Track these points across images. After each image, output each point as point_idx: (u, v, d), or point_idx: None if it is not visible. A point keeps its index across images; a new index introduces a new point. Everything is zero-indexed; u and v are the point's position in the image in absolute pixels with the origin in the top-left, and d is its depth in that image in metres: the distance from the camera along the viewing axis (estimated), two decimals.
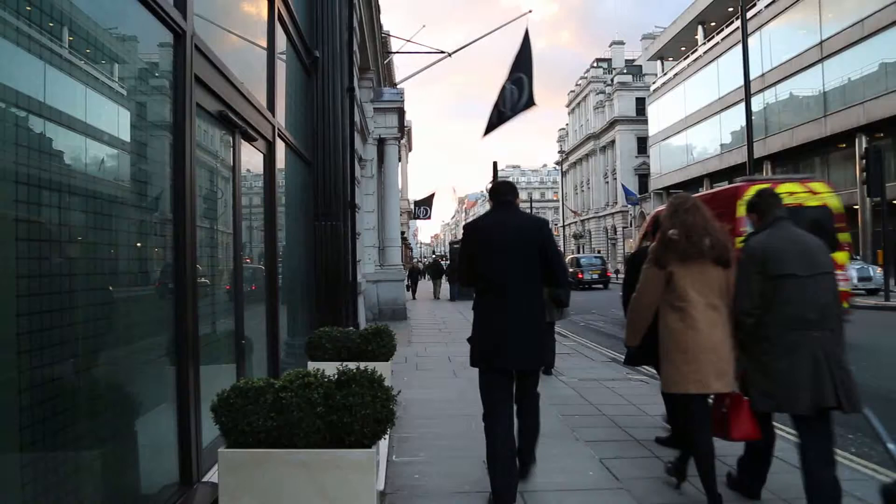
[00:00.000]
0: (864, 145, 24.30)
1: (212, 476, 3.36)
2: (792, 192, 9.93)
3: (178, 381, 3.23)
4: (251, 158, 4.91)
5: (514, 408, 3.95)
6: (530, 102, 14.17)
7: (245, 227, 4.84)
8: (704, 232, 3.76)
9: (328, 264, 7.25)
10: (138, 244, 3.08)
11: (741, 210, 8.77)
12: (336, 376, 2.96)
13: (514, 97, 14.57)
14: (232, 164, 4.34)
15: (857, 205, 27.40)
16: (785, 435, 4.54)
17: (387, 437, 3.16)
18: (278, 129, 5.53)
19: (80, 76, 2.51)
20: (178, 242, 3.26)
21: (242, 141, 4.46)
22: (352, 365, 3.07)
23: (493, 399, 3.84)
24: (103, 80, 2.74)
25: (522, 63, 14.43)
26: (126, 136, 2.92)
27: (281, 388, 2.85)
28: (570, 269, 28.87)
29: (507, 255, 3.87)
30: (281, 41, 5.97)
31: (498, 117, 14.96)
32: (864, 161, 17.69)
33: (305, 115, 7.21)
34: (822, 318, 3.41)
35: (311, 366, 4.50)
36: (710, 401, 3.86)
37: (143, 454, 3.00)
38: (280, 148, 5.72)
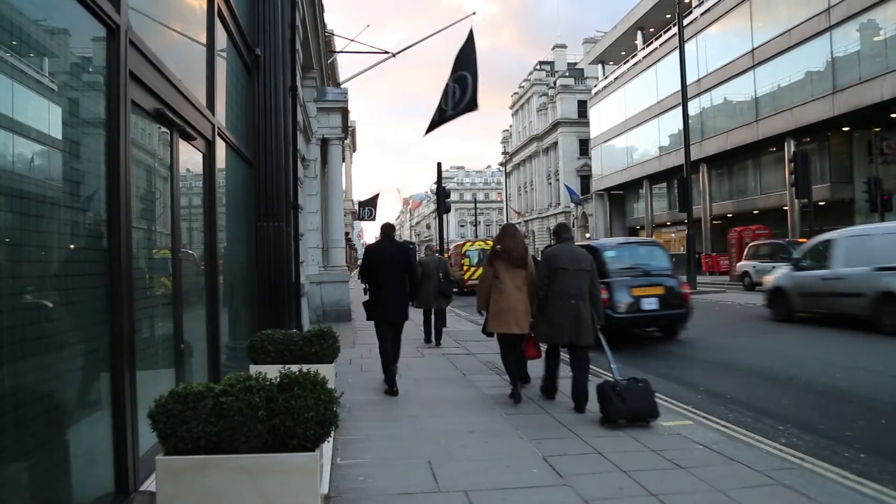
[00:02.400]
0: (792, 149, 25.41)
1: (149, 485, 3.26)
2: (484, 244, 25.38)
3: (114, 388, 3.13)
4: (190, 158, 4.79)
5: (391, 343, 7.22)
6: (472, 105, 14.03)
7: (185, 228, 4.72)
8: (515, 247, 6.52)
9: (271, 266, 7.13)
10: (71, 246, 2.97)
11: (463, 249, 27.30)
12: (278, 379, 2.92)
13: (457, 96, 14.44)
14: (170, 163, 4.22)
15: (786, 206, 28.62)
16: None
17: (331, 439, 3.14)
18: (218, 128, 5.41)
19: (4, 69, 2.40)
20: (112, 243, 3.16)
21: (181, 140, 4.35)
22: (294, 368, 3.03)
23: (384, 338, 7.21)
24: (31, 75, 2.63)
25: (466, 62, 14.33)
26: (57, 133, 2.82)
27: (221, 392, 2.79)
28: None
29: (389, 265, 7.09)
30: (221, 38, 5.84)
31: (440, 116, 14.84)
32: (792, 164, 18.45)
33: (247, 115, 7.07)
34: (580, 294, 6.16)
35: (253, 369, 4.43)
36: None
37: (76, 464, 2.89)
38: (220, 147, 5.60)
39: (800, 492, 3.95)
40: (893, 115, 24.52)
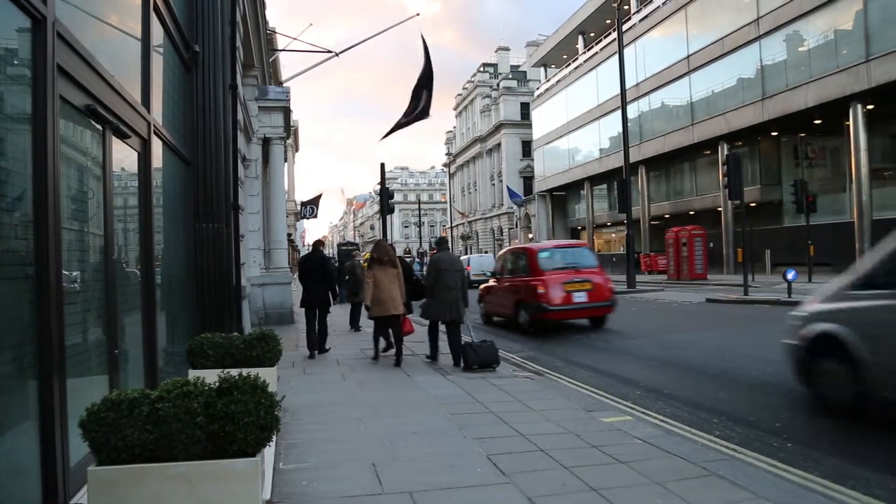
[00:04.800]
0: (725, 152, 26.34)
1: (81, 498, 3.14)
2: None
3: (41, 396, 2.99)
4: (125, 157, 4.63)
5: (317, 325, 10.20)
6: (424, 114, 14.63)
7: (119, 230, 4.56)
8: (385, 254, 9.08)
9: (210, 268, 6.95)
10: None
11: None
12: (217, 384, 2.86)
13: (414, 107, 15.09)
14: (103, 162, 4.07)
15: (720, 207, 29.67)
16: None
17: (272, 444, 3.08)
18: (154, 125, 5.25)
19: None
20: (40, 245, 3.02)
21: (114, 138, 4.19)
22: (234, 372, 2.97)
23: (310, 319, 10.21)
24: None
25: (427, 75, 14.96)
26: None
27: (157, 398, 2.71)
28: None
29: (313, 270, 10.32)
30: (157, 33, 5.66)
31: (397, 125, 15.48)
32: (725, 167, 19.11)
33: (185, 113, 6.88)
34: (456, 287, 8.76)
35: (192, 374, 4.31)
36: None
37: None
38: (157, 146, 5.43)
39: (732, 481, 4.11)
40: (817, 122, 25.73)
